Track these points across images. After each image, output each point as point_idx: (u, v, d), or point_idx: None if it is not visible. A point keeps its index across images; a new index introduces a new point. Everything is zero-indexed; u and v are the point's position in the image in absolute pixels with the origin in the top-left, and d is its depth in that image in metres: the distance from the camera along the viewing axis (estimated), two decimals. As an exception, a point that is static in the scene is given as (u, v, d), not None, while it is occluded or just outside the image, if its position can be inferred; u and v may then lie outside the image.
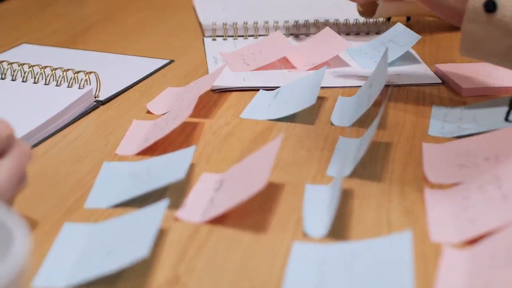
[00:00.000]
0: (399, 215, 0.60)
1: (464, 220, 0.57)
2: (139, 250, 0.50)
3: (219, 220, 0.58)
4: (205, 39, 1.07)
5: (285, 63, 0.95)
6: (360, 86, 0.85)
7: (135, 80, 0.90)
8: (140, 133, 0.75)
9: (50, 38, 1.10)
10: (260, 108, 0.81)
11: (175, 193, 0.63)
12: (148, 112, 0.81)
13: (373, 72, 0.80)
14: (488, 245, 0.52)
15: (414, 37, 0.95)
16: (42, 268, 0.52)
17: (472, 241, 0.55)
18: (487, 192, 0.59)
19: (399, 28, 0.99)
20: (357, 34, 1.09)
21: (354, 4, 1.24)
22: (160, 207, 0.56)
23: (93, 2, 1.34)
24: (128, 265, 0.50)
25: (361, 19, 1.09)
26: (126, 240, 0.54)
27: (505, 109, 0.77)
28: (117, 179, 0.65)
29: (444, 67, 0.91)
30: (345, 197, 0.62)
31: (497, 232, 0.54)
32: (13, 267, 0.34)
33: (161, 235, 0.57)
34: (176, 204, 0.61)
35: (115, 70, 0.94)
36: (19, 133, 0.71)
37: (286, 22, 1.08)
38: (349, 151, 0.69)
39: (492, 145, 0.68)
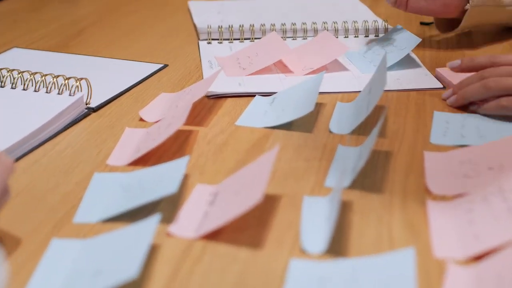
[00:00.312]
0: (401, 229, 0.57)
1: (468, 235, 0.55)
2: (129, 270, 0.48)
3: (214, 236, 0.56)
4: (200, 42, 1.05)
5: (282, 67, 0.92)
6: (359, 91, 0.83)
7: (128, 86, 0.87)
8: (133, 142, 0.72)
9: (41, 41, 1.07)
10: (256, 115, 0.78)
11: (168, 206, 0.61)
12: (141, 119, 0.79)
13: (372, 77, 0.77)
14: (494, 263, 0.50)
15: (414, 40, 0.92)
16: (28, 287, 0.50)
17: (478, 258, 0.53)
18: (492, 205, 0.57)
19: (398, 30, 0.97)
20: (356, 36, 1.06)
21: (353, 6, 1.22)
22: (151, 223, 0.54)
23: (86, 4, 1.32)
24: (118, 285, 0.48)
25: (360, 22, 1.06)
26: (116, 258, 0.52)
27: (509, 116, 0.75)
28: (108, 192, 0.63)
29: (446, 71, 0.88)
30: (345, 210, 0.60)
31: (503, 248, 0.51)
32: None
33: (153, 251, 0.54)
34: (169, 217, 0.59)
35: (107, 75, 0.92)
36: (8, 142, 0.69)
37: (283, 25, 1.05)
38: (349, 160, 0.67)
39: (496, 153, 0.66)
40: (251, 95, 0.84)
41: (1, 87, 0.82)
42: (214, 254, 0.54)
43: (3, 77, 0.83)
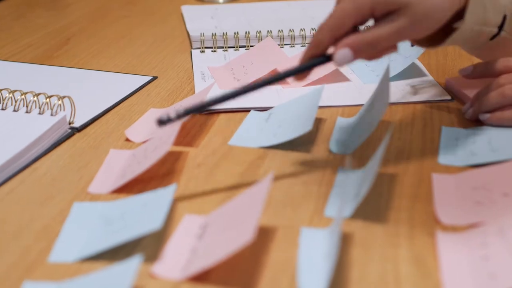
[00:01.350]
0: (408, 265, 0.52)
1: (483, 275, 0.50)
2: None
3: (201, 277, 0.51)
4: (193, 51, 0.99)
5: (279, 78, 0.87)
6: (361, 104, 0.78)
7: (115, 102, 0.82)
8: (117, 166, 0.67)
9: (25, 51, 1.02)
10: (251, 133, 0.73)
11: (152, 241, 0.55)
12: (128, 139, 0.73)
13: (375, 91, 0.72)
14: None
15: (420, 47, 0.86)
16: None
17: (494, 302, 0.47)
18: (508, 239, 0.52)
19: (402, 36, 0.91)
20: (357, 42, 1.00)
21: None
22: (132, 265, 0.48)
23: (75, 9, 1.26)
24: None
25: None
26: (92, 307, 0.47)
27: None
28: (88, 225, 0.57)
29: (458, 82, 0.82)
30: (345, 243, 0.55)
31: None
32: None
33: (134, 296, 0.49)
34: (153, 254, 0.54)
35: (93, 89, 0.86)
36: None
37: (280, 32, 1.00)
38: (350, 186, 0.62)
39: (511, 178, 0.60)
40: (246, 110, 0.78)
41: (-22, 106, 0.77)
42: (202, 299, 0.49)
43: (-20, 95, 0.77)
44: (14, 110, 0.75)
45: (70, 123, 0.75)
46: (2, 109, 0.76)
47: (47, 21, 1.18)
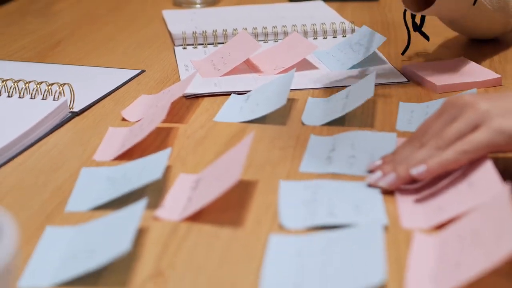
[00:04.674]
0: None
1: (433, 207, 0.60)
2: (121, 246, 0.52)
3: (197, 217, 0.60)
4: (176, 48, 1.09)
5: (255, 68, 0.97)
6: (329, 87, 0.88)
7: (108, 90, 0.91)
8: (117, 140, 0.76)
9: (19, 54, 1.11)
10: (232, 111, 0.83)
11: (153, 194, 0.64)
12: (123, 119, 0.83)
13: (355, 85, 0.83)
14: (455, 229, 0.55)
15: (380, 39, 0.97)
16: (26, 269, 0.53)
17: (441, 226, 0.57)
18: (454, 180, 0.62)
19: (365, 30, 1.02)
20: (324, 38, 1.11)
21: (321, 11, 1.27)
22: (139, 206, 0.57)
23: (63, 16, 1.35)
24: (111, 260, 0.52)
25: (328, 24, 1.11)
26: (108, 239, 0.55)
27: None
28: (96, 184, 0.67)
29: (413, 67, 0.93)
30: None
31: (462, 216, 0.56)
32: (2, 257, 0.35)
33: (141, 233, 0.58)
34: (154, 204, 0.63)
35: (87, 82, 0.95)
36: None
37: (255, 29, 1.10)
38: (321, 147, 0.72)
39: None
40: (227, 94, 0.88)
41: (-14, 95, 0.86)
42: (199, 234, 0.58)
43: (-13, 85, 0.86)
44: (20, 97, 0.84)
45: (70, 108, 0.84)
46: (8, 96, 0.85)
47: (37, 27, 1.27)
